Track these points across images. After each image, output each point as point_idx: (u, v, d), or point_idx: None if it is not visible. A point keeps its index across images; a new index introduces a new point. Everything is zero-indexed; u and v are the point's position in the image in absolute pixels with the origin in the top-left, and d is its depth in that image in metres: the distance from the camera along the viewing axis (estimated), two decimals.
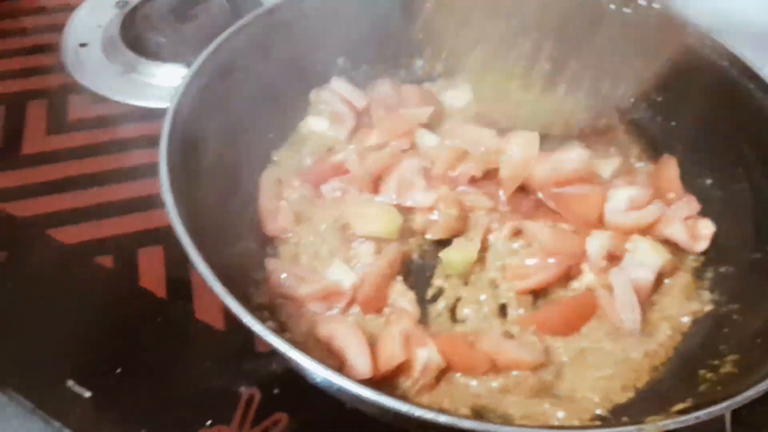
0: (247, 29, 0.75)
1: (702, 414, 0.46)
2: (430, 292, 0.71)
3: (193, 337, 0.72)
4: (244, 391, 0.68)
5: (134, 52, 1.04)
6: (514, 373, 0.62)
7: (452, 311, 0.69)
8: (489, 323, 0.66)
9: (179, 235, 0.55)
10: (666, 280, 0.69)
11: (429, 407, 0.47)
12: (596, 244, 0.67)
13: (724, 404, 0.47)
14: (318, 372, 0.46)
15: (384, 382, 0.61)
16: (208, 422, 0.64)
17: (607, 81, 0.83)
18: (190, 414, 0.65)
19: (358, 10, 0.83)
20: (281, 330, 0.60)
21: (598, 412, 0.59)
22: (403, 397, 0.59)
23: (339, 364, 0.60)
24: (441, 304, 0.69)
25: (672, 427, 0.46)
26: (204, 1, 1.01)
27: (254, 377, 0.68)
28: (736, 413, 0.67)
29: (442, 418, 0.43)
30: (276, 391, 0.68)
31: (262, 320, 0.60)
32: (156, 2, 1.06)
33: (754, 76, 0.70)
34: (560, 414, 0.59)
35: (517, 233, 0.71)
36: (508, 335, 0.66)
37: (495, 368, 0.61)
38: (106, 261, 0.78)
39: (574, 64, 0.85)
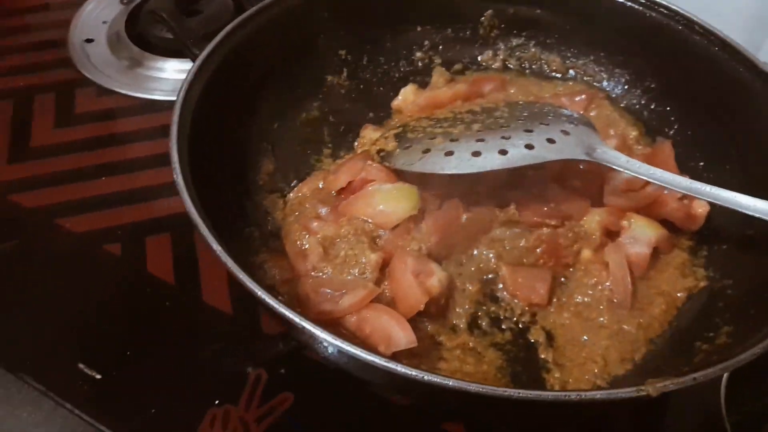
0: (253, 20, 0.77)
1: (699, 375, 0.48)
2: None
3: (201, 320, 0.74)
4: (251, 371, 0.69)
5: (139, 47, 1.07)
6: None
7: None
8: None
9: (192, 216, 0.56)
10: (662, 257, 0.71)
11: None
12: (594, 219, 0.69)
13: (720, 366, 0.49)
14: (348, 349, 0.47)
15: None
16: (216, 402, 0.66)
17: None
18: (198, 394, 0.67)
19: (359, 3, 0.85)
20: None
21: (599, 383, 0.61)
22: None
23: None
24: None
25: (672, 388, 0.47)
26: None
27: (261, 358, 0.70)
28: (730, 397, 0.69)
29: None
30: (282, 371, 0.69)
31: None
32: None
33: (744, 60, 0.71)
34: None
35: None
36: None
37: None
38: (115, 249, 0.80)
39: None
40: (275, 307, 0.49)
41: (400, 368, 0.44)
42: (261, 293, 0.50)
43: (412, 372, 0.44)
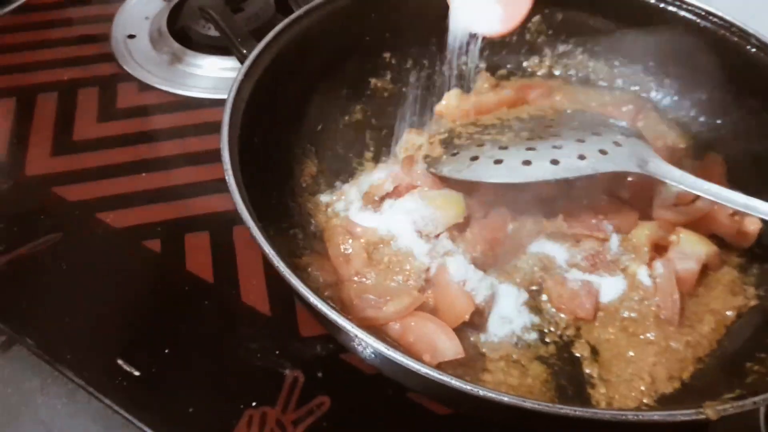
0: (302, 21, 0.77)
1: (759, 399, 0.47)
2: None
3: (239, 320, 0.74)
4: (288, 373, 0.69)
5: (180, 44, 1.07)
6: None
7: None
8: None
9: (244, 216, 0.56)
10: (711, 274, 0.70)
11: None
12: (643, 233, 0.68)
13: None
14: (397, 358, 0.47)
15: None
16: (254, 403, 0.66)
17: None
18: (235, 395, 0.67)
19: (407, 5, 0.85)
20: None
21: (645, 401, 0.60)
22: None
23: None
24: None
25: (731, 411, 0.46)
26: None
27: (298, 360, 0.70)
28: None
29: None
30: (319, 374, 0.69)
31: None
32: None
33: None
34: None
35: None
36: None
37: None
38: (154, 245, 0.80)
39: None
40: (328, 314, 0.49)
41: (456, 382, 0.44)
42: (314, 299, 0.49)
43: (467, 386, 0.44)
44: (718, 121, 0.80)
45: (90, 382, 0.68)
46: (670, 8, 0.79)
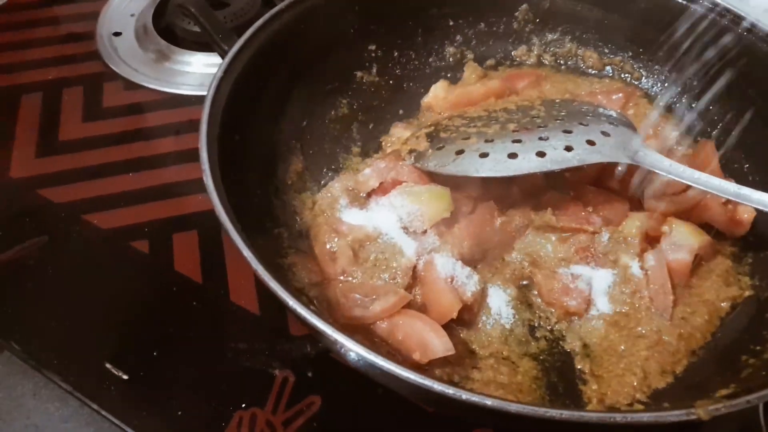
0: (283, 16, 0.75)
1: (753, 398, 0.46)
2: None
3: (228, 320, 0.73)
4: (278, 373, 0.68)
5: (166, 41, 1.06)
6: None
7: None
8: None
9: (222, 218, 0.55)
10: (704, 264, 0.68)
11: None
12: (634, 224, 0.66)
13: None
14: (375, 360, 0.46)
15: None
16: (243, 405, 0.65)
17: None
18: (225, 396, 0.66)
19: None
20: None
21: (638, 396, 0.59)
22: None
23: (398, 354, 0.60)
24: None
25: (724, 411, 0.45)
26: None
27: (288, 360, 0.69)
28: None
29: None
30: (309, 374, 0.68)
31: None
32: None
33: None
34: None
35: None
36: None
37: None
38: (142, 246, 0.79)
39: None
40: (307, 318, 0.48)
41: (438, 386, 0.43)
42: (293, 303, 0.48)
43: (450, 390, 0.43)
44: (710, 107, 0.79)
45: (77, 387, 0.67)
46: None
